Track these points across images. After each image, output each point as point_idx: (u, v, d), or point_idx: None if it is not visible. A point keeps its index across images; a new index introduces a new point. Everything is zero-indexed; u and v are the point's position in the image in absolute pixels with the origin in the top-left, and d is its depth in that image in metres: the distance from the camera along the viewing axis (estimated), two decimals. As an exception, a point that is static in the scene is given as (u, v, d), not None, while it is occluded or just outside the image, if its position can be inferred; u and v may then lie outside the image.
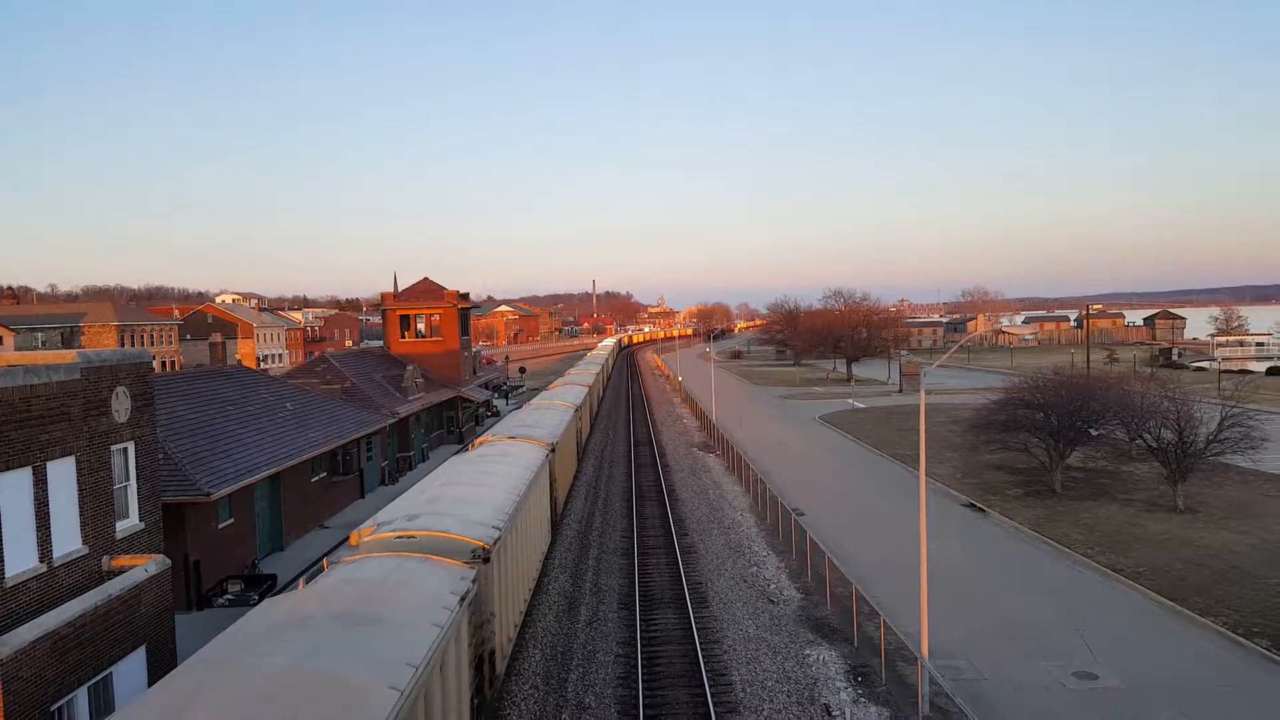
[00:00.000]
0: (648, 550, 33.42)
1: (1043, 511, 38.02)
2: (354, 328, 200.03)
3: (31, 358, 19.58)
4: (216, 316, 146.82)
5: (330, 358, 57.50)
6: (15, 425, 16.88)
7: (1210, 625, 24.53)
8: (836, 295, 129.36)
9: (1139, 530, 34.50)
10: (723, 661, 22.60)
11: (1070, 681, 21.17)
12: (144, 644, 18.80)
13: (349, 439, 41.45)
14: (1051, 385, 44.87)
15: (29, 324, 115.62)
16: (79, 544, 18.72)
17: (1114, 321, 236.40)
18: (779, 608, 26.77)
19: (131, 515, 20.82)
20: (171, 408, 31.41)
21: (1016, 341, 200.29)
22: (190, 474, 27.83)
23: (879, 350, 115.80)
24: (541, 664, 22.71)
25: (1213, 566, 29.59)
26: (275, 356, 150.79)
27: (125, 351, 21.28)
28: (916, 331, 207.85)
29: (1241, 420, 37.84)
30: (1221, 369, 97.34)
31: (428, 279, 68.65)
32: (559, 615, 26.44)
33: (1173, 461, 37.62)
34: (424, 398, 56.74)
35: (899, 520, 36.34)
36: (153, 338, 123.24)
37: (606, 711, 20.10)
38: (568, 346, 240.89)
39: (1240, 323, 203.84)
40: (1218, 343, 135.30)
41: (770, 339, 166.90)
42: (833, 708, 19.95)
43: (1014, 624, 24.90)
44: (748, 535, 35.52)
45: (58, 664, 15.90)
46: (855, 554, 31.70)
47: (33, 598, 17.19)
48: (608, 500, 43.14)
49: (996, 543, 34.03)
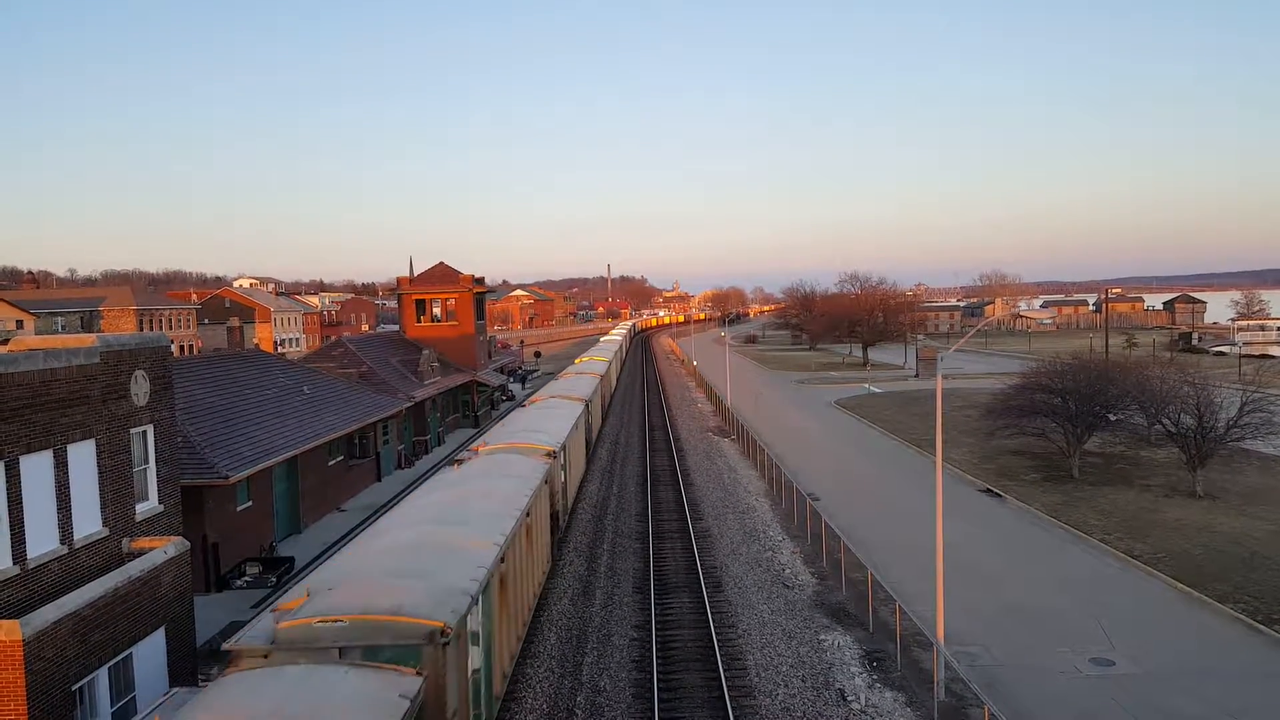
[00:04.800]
0: (662, 534, 33.47)
1: (1060, 497, 37.81)
2: (370, 312, 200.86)
3: (52, 342, 19.72)
4: (234, 301, 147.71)
5: (347, 342, 57.78)
6: (36, 408, 17.04)
7: (1229, 612, 24.35)
8: (852, 279, 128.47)
9: (1157, 516, 34.27)
10: (737, 646, 22.63)
11: (1087, 667, 21.08)
12: (163, 625, 19.01)
13: (365, 423, 41.66)
14: (1070, 370, 44.53)
15: (49, 308, 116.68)
16: (99, 526, 18.91)
17: (1133, 305, 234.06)
18: (794, 592, 26.77)
19: (151, 498, 21.01)
20: (190, 391, 31.63)
21: (1034, 326, 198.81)
22: (208, 457, 28.05)
23: (895, 335, 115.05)
24: (557, 646, 22.83)
25: (1232, 553, 29.36)
26: (292, 341, 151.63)
27: (144, 336, 21.42)
28: (933, 316, 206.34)
29: (1262, 405, 37.47)
30: (1242, 354, 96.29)
31: (443, 263, 68.73)
32: (574, 598, 26.54)
33: (1192, 447, 37.31)
34: (439, 382, 56.94)
35: (915, 505, 36.23)
36: (171, 322, 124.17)
37: (621, 694, 20.19)
38: (582, 331, 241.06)
39: (1261, 307, 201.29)
40: (1238, 327, 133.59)
41: (786, 323, 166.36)
42: (847, 692, 19.95)
43: (1030, 609, 24.81)
44: (763, 520, 35.52)
45: (79, 644, 16.10)
46: (870, 539, 31.63)
47: (54, 579, 17.41)
48: (623, 484, 43.21)
49: (1013, 528, 33.88)
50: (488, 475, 23.88)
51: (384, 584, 14.52)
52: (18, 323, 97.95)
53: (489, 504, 20.61)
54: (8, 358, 16.54)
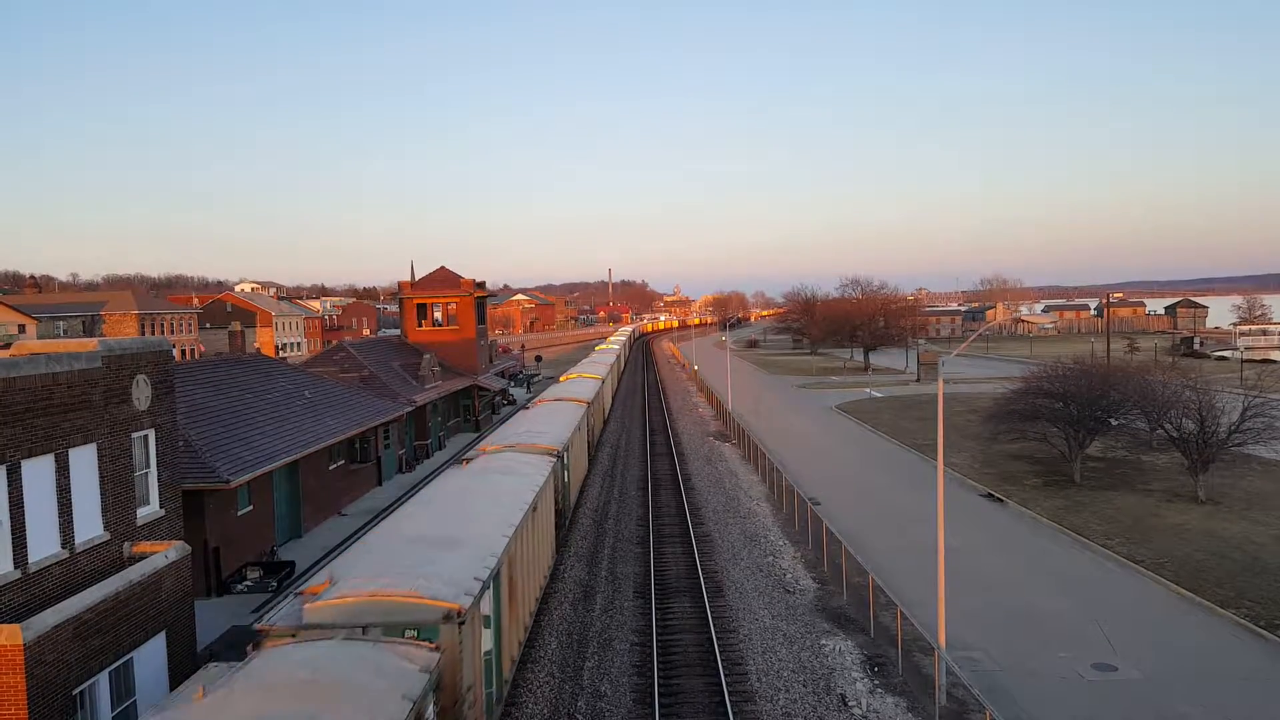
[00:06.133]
0: (663, 538, 33.44)
1: (1062, 502, 37.77)
2: (371, 316, 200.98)
3: (54, 346, 19.73)
4: (235, 305, 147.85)
5: (348, 346, 57.79)
6: (38, 413, 17.04)
7: (1231, 617, 24.31)
8: (854, 283, 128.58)
9: (1159, 521, 34.22)
10: (738, 650, 22.61)
11: (1089, 673, 21.04)
12: (164, 629, 19.00)
13: (366, 427, 41.66)
14: (1071, 374, 44.51)
15: (51, 312, 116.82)
16: (100, 530, 18.90)
17: (1135, 310, 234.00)
18: (795, 597, 26.74)
19: (152, 502, 21.00)
20: (191, 395, 31.65)
21: (1036, 330, 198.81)
22: (210, 461, 28.06)
23: (896, 339, 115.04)
24: (558, 651, 22.80)
25: (1234, 558, 29.32)
26: (294, 345, 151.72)
27: (146, 340, 21.44)
28: (934, 320, 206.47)
29: (1264, 410, 37.44)
30: (1244, 358, 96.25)
31: (445, 268, 68.77)
32: (575, 603, 26.52)
33: (1194, 452, 37.27)
34: (441, 386, 56.95)
35: (916, 510, 36.20)
36: (172, 326, 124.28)
37: (622, 699, 20.16)
38: (583, 335, 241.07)
39: (1263, 311, 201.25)
40: (1240, 331, 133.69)
41: (787, 328, 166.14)
42: (849, 698, 19.92)
43: (1032, 614, 24.77)
44: (764, 524, 35.49)
45: (80, 648, 16.09)
46: (872, 543, 31.60)
47: (55, 583, 17.39)
48: (624, 488, 43.19)
49: (1015, 533, 33.84)
50: (495, 473, 24.93)
51: (402, 570, 15.29)
52: (20, 327, 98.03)
53: (498, 498, 21.83)
54: (10, 362, 16.55)
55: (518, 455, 28.38)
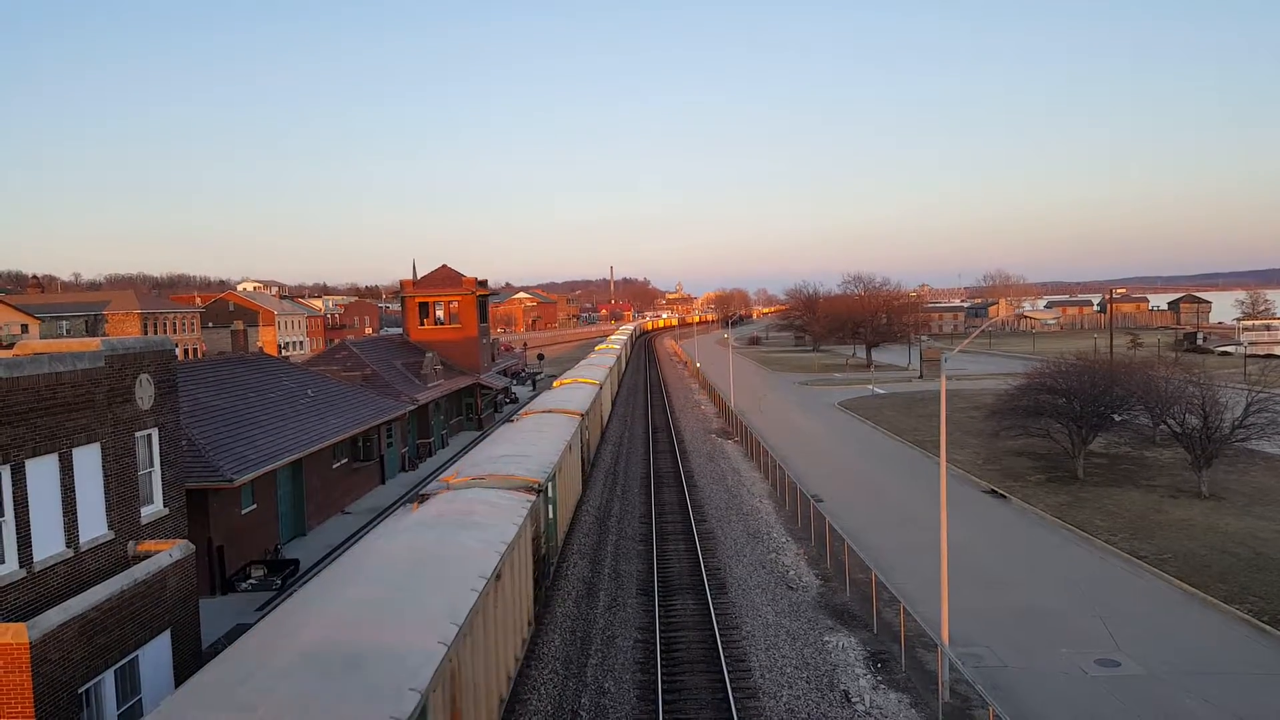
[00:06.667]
0: (666, 536, 33.46)
1: (1065, 498, 37.75)
2: (374, 315, 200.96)
3: (57, 345, 19.77)
4: (238, 304, 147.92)
5: (350, 345, 57.83)
6: (42, 412, 17.09)
7: (1235, 612, 24.30)
8: (856, 280, 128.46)
9: (1162, 516, 34.20)
10: (741, 648, 22.63)
11: (1092, 669, 21.05)
12: (169, 628, 19.04)
13: (369, 425, 41.70)
14: (1074, 370, 44.45)
15: (54, 312, 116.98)
16: (105, 529, 18.96)
17: (1138, 306, 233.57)
18: (798, 594, 26.76)
19: (156, 501, 21.05)
20: (194, 395, 31.69)
21: (1039, 326, 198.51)
22: (213, 460, 28.10)
23: (899, 336, 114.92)
24: (561, 649, 22.84)
25: (1237, 553, 29.30)
26: (296, 344, 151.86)
27: (148, 339, 21.46)
28: (937, 316, 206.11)
29: (1268, 405, 37.36)
30: (1247, 353, 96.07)
31: (446, 266, 68.79)
32: (578, 600, 26.55)
33: (1197, 447, 37.23)
34: (443, 385, 56.99)
35: (919, 506, 36.21)
36: (175, 326, 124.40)
37: (626, 696, 20.19)
38: (585, 333, 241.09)
39: (1267, 306, 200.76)
40: (1243, 327, 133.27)
41: (789, 325, 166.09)
42: (852, 694, 19.94)
43: (1035, 611, 24.77)
44: (766, 521, 35.50)
45: (85, 647, 16.14)
46: (875, 540, 31.60)
47: (61, 582, 17.45)
48: (626, 486, 43.21)
49: (1018, 529, 33.83)
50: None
51: (501, 465, 25.53)
52: (23, 326, 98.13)
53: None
54: (13, 362, 16.59)
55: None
